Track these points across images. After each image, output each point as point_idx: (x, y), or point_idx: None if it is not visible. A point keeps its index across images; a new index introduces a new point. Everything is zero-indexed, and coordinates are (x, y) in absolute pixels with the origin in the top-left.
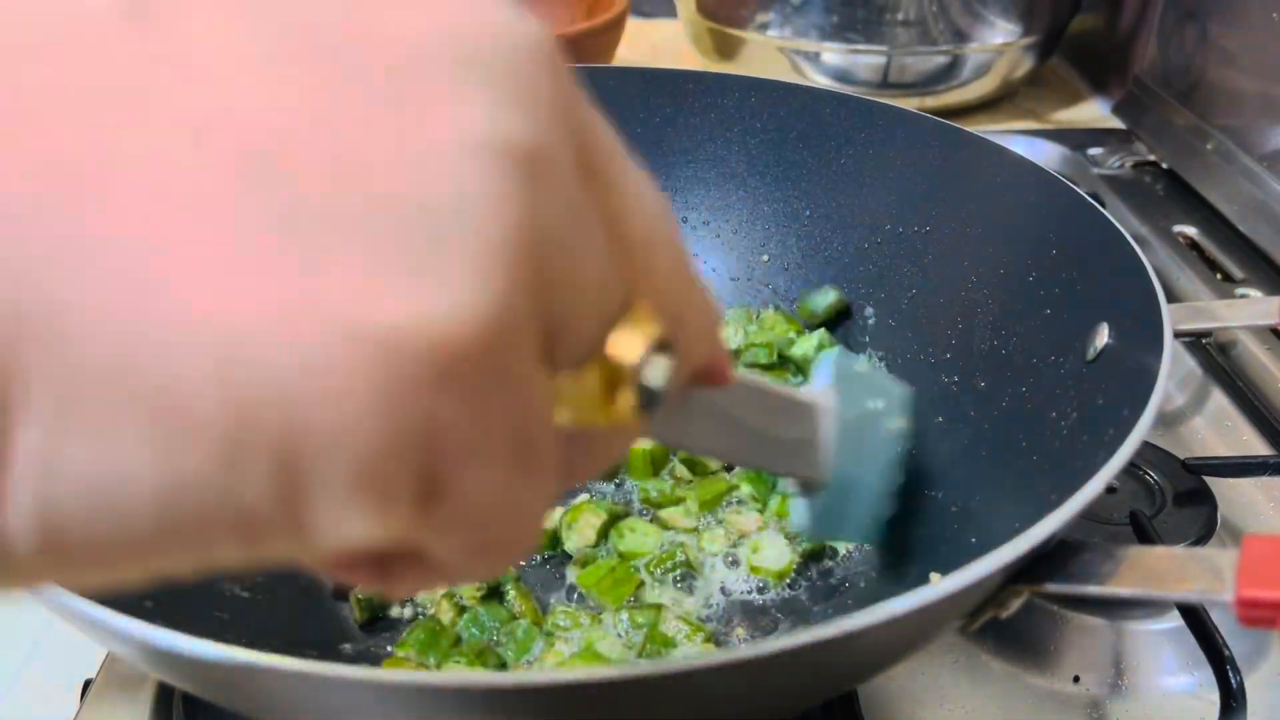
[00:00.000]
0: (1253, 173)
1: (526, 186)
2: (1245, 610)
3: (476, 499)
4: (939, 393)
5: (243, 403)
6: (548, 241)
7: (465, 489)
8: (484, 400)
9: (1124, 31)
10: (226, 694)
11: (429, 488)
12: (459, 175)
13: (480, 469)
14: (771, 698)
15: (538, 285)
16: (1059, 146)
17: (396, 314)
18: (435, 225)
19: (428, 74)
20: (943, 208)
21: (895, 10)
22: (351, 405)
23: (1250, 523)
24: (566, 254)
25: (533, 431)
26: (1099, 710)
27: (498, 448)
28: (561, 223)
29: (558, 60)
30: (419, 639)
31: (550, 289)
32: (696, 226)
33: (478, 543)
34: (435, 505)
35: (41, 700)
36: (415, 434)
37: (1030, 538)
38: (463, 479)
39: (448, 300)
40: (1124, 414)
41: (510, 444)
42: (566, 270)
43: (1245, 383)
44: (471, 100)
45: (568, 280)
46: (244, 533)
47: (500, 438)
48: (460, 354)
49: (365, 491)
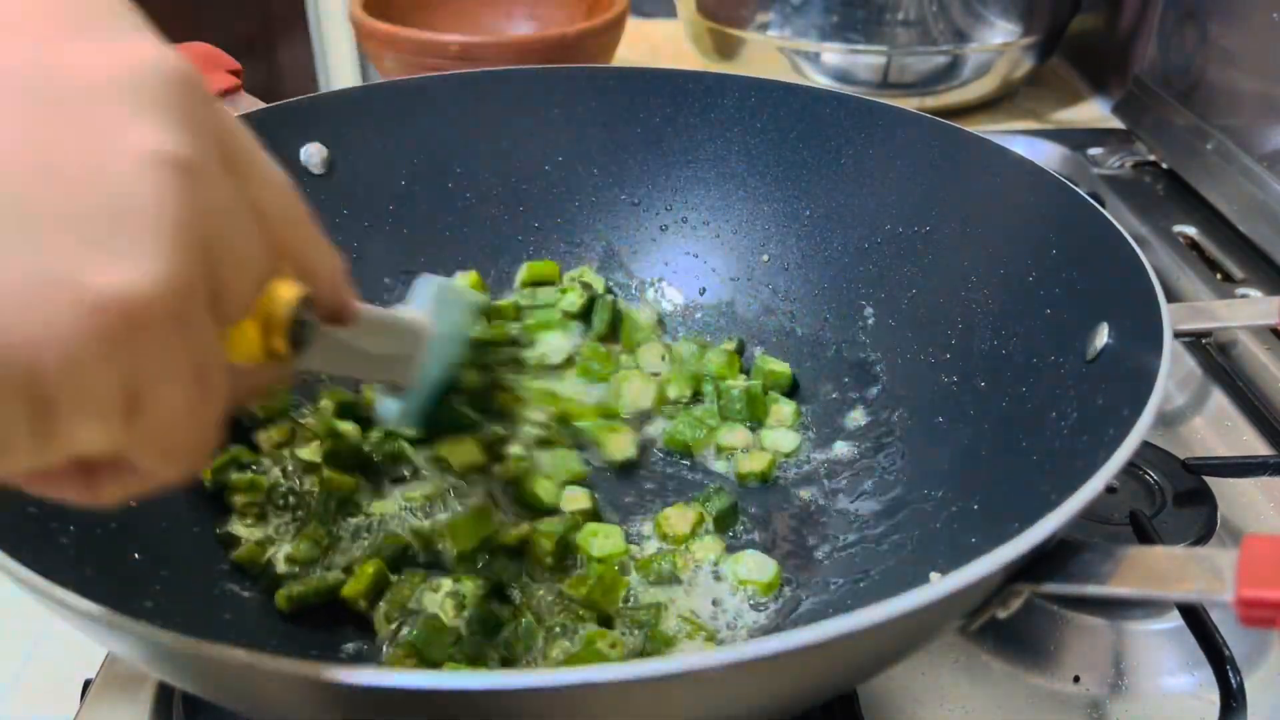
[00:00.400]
0: (1253, 173)
1: (186, 185)
2: (1245, 610)
3: (167, 410)
4: (939, 393)
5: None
6: (207, 226)
7: (158, 403)
8: (168, 339)
9: (1124, 31)
10: (227, 694)
11: (132, 404)
12: (138, 179)
13: (168, 389)
14: (771, 697)
15: (201, 259)
16: (1059, 146)
17: (104, 282)
18: (124, 217)
19: (107, 104)
20: (943, 208)
21: (895, 10)
22: (77, 347)
23: (1250, 523)
24: (223, 232)
25: (205, 362)
26: (1099, 710)
27: (181, 374)
28: (216, 210)
29: (201, 86)
30: (419, 637)
31: (212, 260)
32: (696, 226)
33: (167, 447)
34: (137, 417)
35: (41, 700)
36: (121, 364)
37: (1030, 537)
38: (156, 395)
39: (135, 271)
40: (1124, 414)
41: (189, 371)
42: (223, 245)
43: (1245, 383)
44: (141, 123)
45: (225, 253)
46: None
47: (181, 366)
48: (147, 306)
49: (90, 406)
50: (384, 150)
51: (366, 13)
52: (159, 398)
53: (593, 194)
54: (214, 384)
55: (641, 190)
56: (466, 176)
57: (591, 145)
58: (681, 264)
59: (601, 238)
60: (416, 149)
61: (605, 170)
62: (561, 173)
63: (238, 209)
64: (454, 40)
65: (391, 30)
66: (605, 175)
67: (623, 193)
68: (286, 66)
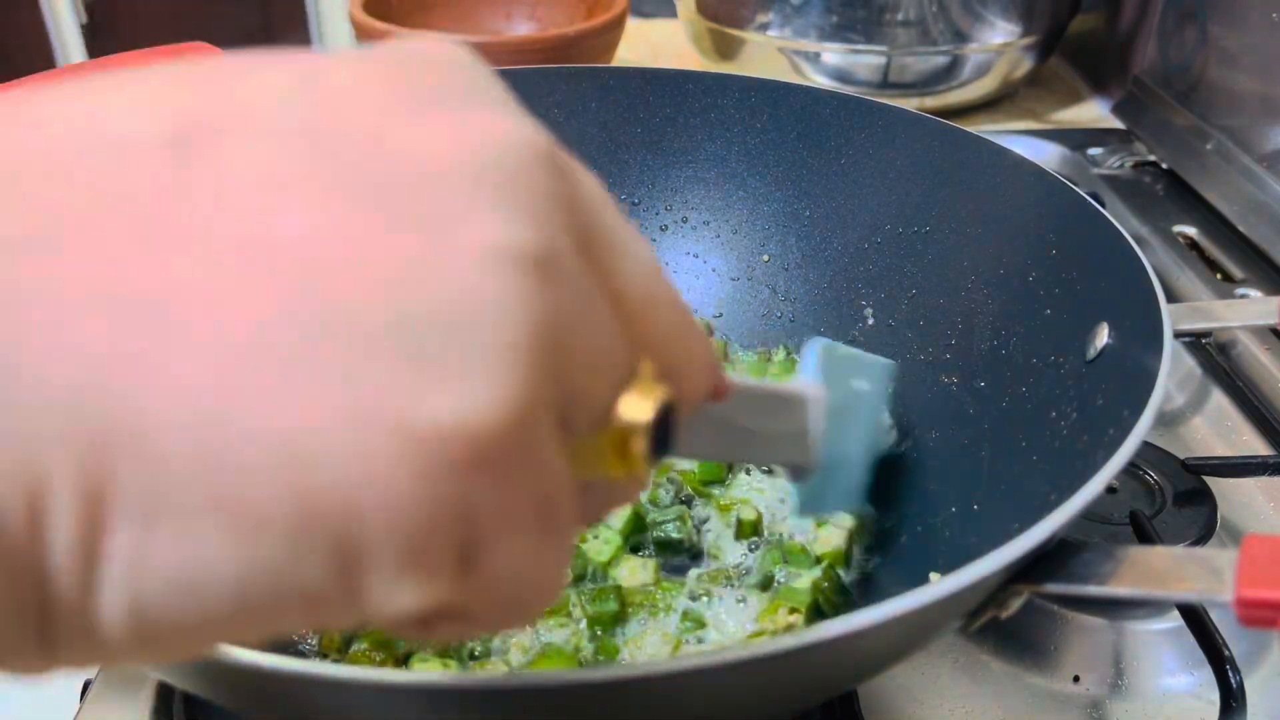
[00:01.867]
0: (1252, 173)
1: (538, 287)
2: (1245, 610)
3: (508, 564)
4: (939, 393)
5: (306, 498)
6: (561, 331)
7: (498, 557)
8: (511, 478)
9: (1124, 31)
10: (227, 694)
11: (466, 559)
12: (479, 284)
13: (510, 538)
14: (772, 698)
15: (554, 371)
16: (1059, 146)
17: (434, 411)
18: (461, 330)
19: (445, 193)
20: (943, 208)
21: (895, 10)
22: (398, 492)
23: (1250, 523)
24: (578, 337)
25: (555, 498)
26: (1099, 710)
27: (525, 518)
28: (572, 311)
29: (555, 157)
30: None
31: (565, 371)
32: (696, 226)
33: (509, 599)
34: (472, 573)
35: (41, 700)
36: (453, 513)
37: (1030, 538)
38: (495, 548)
39: (476, 396)
40: (1124, 414)
41: (535, 512)
42: (578, 352)
43: (1245, 383)
44: (484, 215)
45: (580, 360)
46: (309, 607)
47: (527, 509)
48: (489, 441)
49: (412, 566)
50: None
51: (366, 13)
52: (500, 548)
53: None
54: (564, 519)
55: (641, 190)
56: None
57: (591, 145)
58: (681, 264)
59: None
60: None
61: (605, 170)
62: None
63: (595, 304)
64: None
65: (391, 30)
66: (605, 175)
67: (622, 193)
68: None
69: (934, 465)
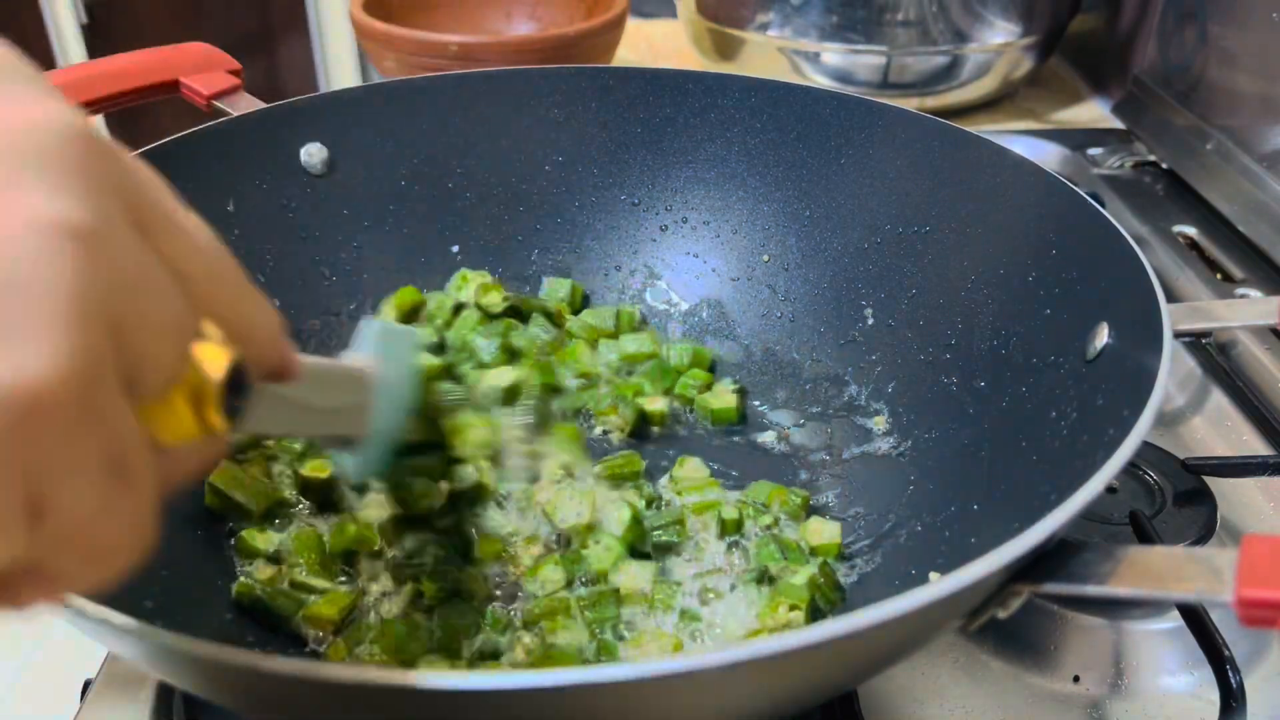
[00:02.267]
0: (1252, 173)
1: (85, 255)
2: (1245, 610)
3: (77, 512)
4: (939, 393)
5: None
6: (114, 296)
7: (65, 504)
8: (72, 434)
9: (1124, 31)
10: (227, 694)
11: (35, 512)
12: (29, 252)
13: (76, 490)
14: (772, 697)
15: (111, 333)
16: (1059, 146)
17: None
18: (13, 296)
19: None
20: (943, 208)
21: (895, 10)
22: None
23: (1250, 523)
24: (134, 303)
25: (122, 452)
26: (1099, 710)
27: (90, 470)
28: (126, 278)
29: (99, 140)
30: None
31: (124, 333)
32: (696, 226)
33: (86, 550)
34: (42, 522)
35: (41, 700)
36: (15, 465)
37: (1030, 537)
38: (61, 500)
39: (27, 358)
40: (1124, 414)
41: (101, 464)
42: (136, 315)
43: (1245, 383)
44: (29, 190)
45: (139, 324)
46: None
47: (91, 462)
48: (44, 399)
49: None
50: (384, 150)
51: (366, 13)
52: (66, 495)
53: (593, 194)
54: (135, 473)
55: (641, 190)
56: (466, 176)
57: (591, 145)
58: (681, 264)
59: (601, 238)
60: (416, 149)
61: (605, 170)
62: (561, 173)
63: (151, 273)
64: (454, 40)
65: (391, 30)
66: (605, 175)
67: (623, 193)
68: (286, 66)
69: (934, 465)
